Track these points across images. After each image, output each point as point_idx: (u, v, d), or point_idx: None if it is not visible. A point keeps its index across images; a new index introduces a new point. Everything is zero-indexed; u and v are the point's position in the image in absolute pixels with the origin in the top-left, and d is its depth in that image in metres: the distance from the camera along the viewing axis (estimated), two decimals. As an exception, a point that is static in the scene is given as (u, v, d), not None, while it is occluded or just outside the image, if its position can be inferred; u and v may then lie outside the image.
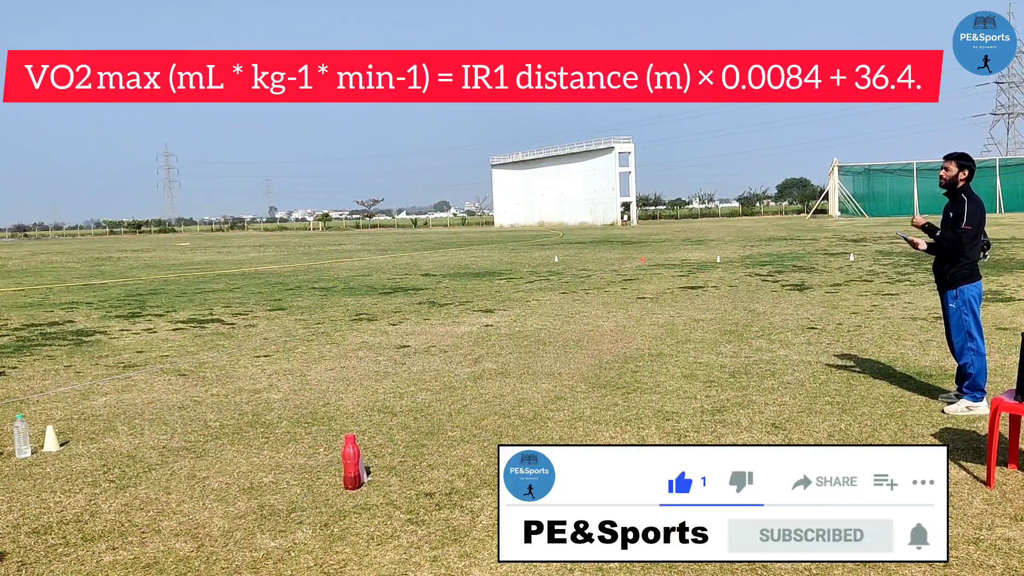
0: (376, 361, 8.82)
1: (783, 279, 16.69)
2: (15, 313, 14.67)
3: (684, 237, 41.27)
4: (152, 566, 3.81)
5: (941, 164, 6.23)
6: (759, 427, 5.77)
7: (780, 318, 11.06)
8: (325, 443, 5.73)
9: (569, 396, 6.90)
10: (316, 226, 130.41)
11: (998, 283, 14.07)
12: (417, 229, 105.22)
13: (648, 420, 6.04)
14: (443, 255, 31.88)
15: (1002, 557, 3.64)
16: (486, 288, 17.06)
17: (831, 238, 33.56)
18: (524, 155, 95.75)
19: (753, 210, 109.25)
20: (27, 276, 25.61)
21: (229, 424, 6.34)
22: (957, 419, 5.86)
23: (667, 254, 27.10)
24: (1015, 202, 63.87)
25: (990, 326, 9.35)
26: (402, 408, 6.68)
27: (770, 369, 7.72)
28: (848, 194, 71.98)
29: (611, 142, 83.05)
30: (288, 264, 28.40)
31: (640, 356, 8.59)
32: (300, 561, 3.82)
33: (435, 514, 4.34)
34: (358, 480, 4.77)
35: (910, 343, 8.88)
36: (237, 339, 10.74)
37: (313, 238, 68.39)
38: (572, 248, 33.93)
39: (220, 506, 4.56)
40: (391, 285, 18.51)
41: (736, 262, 22.01)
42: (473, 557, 3.80)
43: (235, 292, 17.62)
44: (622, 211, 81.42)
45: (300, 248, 43.95)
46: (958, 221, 5.98)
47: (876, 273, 17.25)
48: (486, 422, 6.14)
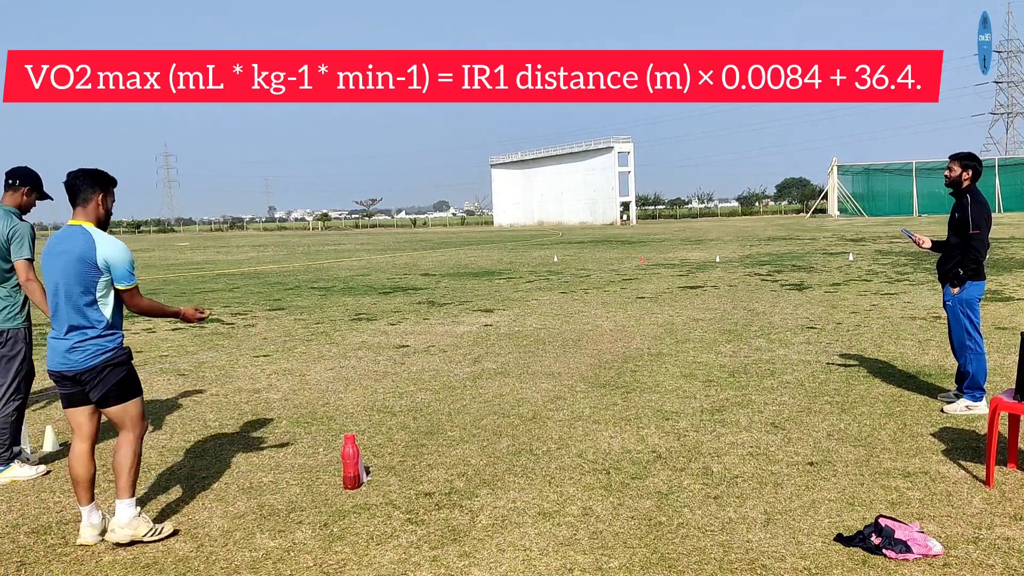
0: (375, 361, 8.82)
1: (782, 279, 16.70)
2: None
3: (683, 237, 41.28)
4: (152, 566, 3.81)
5: (946, 164, 6.26)
6: (758, 426, 5.77)
7: (779, 318, 11.06)
8: (324, 443, 5.73)
9: (568, 396, 6.90)
10: (315, 226, 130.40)
11: (998, 283, 14.08)
12: (416, 229, 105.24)
13: (647, 420, 6.04)
14: (442, 255, 31.87)
15: (1001, 556, 3.65)
16: (485, 288, 17.05)
17: (830, 238, 33.57)
18: (523, 155, 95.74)
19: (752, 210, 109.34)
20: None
21: (228, 424, 6.33)
22: (956, 418, 5.86)
23: (666, 254, 27.10)
24: (1014, 202, 63.90)
25: (989, 326, 9.36)
26: (401, 408, 6.67)
27: (769, 369, 7.72)
28: (847, 194, 72.01)
29: (610, 142, 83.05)
30: (287, 264, 28.39)
31: (639, 356, 8.59)
32: (299, 561, 3.82)
33: (434, 514, 4.34)
34: (357, 480, 4.77)
35: (909, 342, 8.88)
36: (236, 339, 10.73)
37: (312, 238, 68.38)
38: (571, 248, 33.93)
39: (219, 506, 4.56)
40: (390, 285, 18.51)
41: (735, 262, 22.01)
42: (472, 557, 3.80)
43: (234, 292, 17.62)
44: (621, 211, 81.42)
45: (299, 248, 43.93)
46: (964, 225, 5.98)
47: (875, 273, 17.26)
48: (485, 422, 6.14)
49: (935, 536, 3.82)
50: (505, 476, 4.90)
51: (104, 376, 4.01)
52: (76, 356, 3.98)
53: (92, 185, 4.09)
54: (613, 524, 4.12)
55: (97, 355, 3.99)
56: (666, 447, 5.36)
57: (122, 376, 4.08)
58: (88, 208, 4.08)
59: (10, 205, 5.13)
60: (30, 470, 5.17)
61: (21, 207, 5.17)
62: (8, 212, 5.09)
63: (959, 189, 6.12)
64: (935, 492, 4.44)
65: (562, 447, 5.44)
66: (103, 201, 4.13)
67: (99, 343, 4.01)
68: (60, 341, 4.02)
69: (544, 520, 4.20)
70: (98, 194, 4.10)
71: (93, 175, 4.13)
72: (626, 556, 3.75)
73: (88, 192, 4.08)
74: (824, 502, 4.33)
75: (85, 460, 4.11)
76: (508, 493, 4.61)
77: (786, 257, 23.11)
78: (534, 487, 4.69)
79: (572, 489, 4.64)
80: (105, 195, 4.14)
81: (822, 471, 4.81)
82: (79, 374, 4.00)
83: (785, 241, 32.34)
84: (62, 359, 4.00)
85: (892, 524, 3.77)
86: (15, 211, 5.13)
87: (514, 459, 5.22)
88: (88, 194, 4.08)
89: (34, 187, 5.20)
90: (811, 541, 3.85)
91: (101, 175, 4.16)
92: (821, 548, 3.77)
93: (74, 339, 3.98)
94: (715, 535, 3.95)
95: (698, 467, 4.95)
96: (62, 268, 3.99)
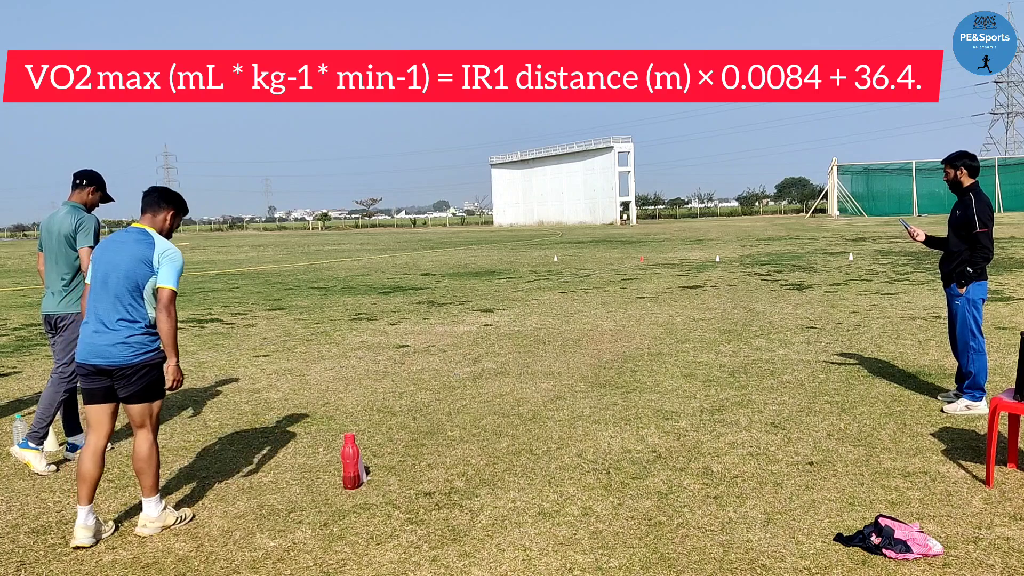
0: (375, 361, 8.82)
1: (782, 278, 16.70)
2: (15, 313, 14.67)
3: (683, 237, 41.28)
4: (151, 566, 3.81)
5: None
6: (758, 426, 5.77)
7: (779, 317, 11.07)
8: (324, 443, 5.73)
9: (568, 395, 6.90)
10: (315, 226, 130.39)
11: (998, 283, 14.08)
12: (416, 229, 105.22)
13: (647, 419, 6.04)
14: (442, 254, 31.87)
15: (1001, 556, 3.65)
16: (485, 287, 17.05)
17: (830, 237, 33.57)
18: (523, 155, 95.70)
19: (752, 210, 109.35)
20: (27, 276, 25.59)
21: (228, 424, 6.33)
22: (956, 418, 5.86)
23: (666, 253, 27.10)
24: (1014, 201, 63.90)
25: (989, 326, 9.36)
26: (401, 408, 6.68)
27: (769, 368, 7.73)
28: (847, 193, 72.00)
29: (610, 142, 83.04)
30: (287, 264, 28.39)
31: (639, 355, 8.59)
32: (299, 560, 3.82)
33: (434, 514, 4.34)
34: (357, 480, 4.77)
35: (909, 342, 8.88)
36: (236, 339, 10.73)
37: (312, 238, 68.38)
38: (571, 247, 33.93)
39: (219, 505, 4.56)
40: (390, 285, 18.51)
41: (735, 261, 22.01)
42: (472, 557, 3.80)
43: (234, 292, 17.61)
44: (621, 211, 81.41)
45: (299, 248, 43.93)
46: (967, 224, 5.99)
47: (875, 272, 17.26)
48: (485, 422, 6.14)
49: (935, 536, 3.82)
50: (505, 476, 4.90)
51: (140, 375, 4.12)
52: (120, 351, 4.07)
53: (169, 202, 4.38)
54: (613, 524, 4.12)
55: (141, 353, 4.11)
56: (666, 447, 5.36)
57: (155, 379, 4.21)
58: (156, 219, 4.33)
59: (77, 202, 5.52)
60: (44, 467, 5.24)
61: (86, 204, 5.56)
62: (75, 207, 5.49)
63: (961, 189, 6.15)
64: (935, 492, 4.44)
65: (562, 447, 5.44)
66: (170, 219, 4.39)
67: (143, 341, 4.12)
68: (104, 334, 4.09)
69: (544, 520, 4.20)
70: (169, 211, 4.37)
71: (174, 196, 4.44)
72: (626, 556, 3.75)
73: (163, 205, 4.35)
74: (824, 502, 4.33)
75: (98, 458, 4.18)
76: (508, 493, 4.61)
77: (786, 257, 23.11)
78: (534, 487, 4.69)
79: (572, 489, 4.64)
80: (174, 215, 4.41)
81: (822, 471, 4.81)
82: (117, 369, 4.08)
83: (785, 241, 32.34)
84: (102, 352, 4.07)
85: (892, 524, 3.77)
86: (81, 206, 5.52)
87: (514, 459, 5.22)
88: (161, 207, 4.35)
89: (99, 187, 5.62)
90: (811, 541, 3.85)
91: (180, 200, 4.46)
92: (821, 548, 3.77)
93: (123, 332, 4.08)
94: (715, 535, 3.95)
95: (698, 467, 4.95)
96: (117, 260, 4.15)
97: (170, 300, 4.16)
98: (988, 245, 5.99)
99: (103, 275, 4.15)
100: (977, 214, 5.95)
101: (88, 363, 4.10)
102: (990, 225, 5.99)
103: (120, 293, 4.10)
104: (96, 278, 4.19)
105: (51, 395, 5.41)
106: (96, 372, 4.10)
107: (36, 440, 5.27)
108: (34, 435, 5.28)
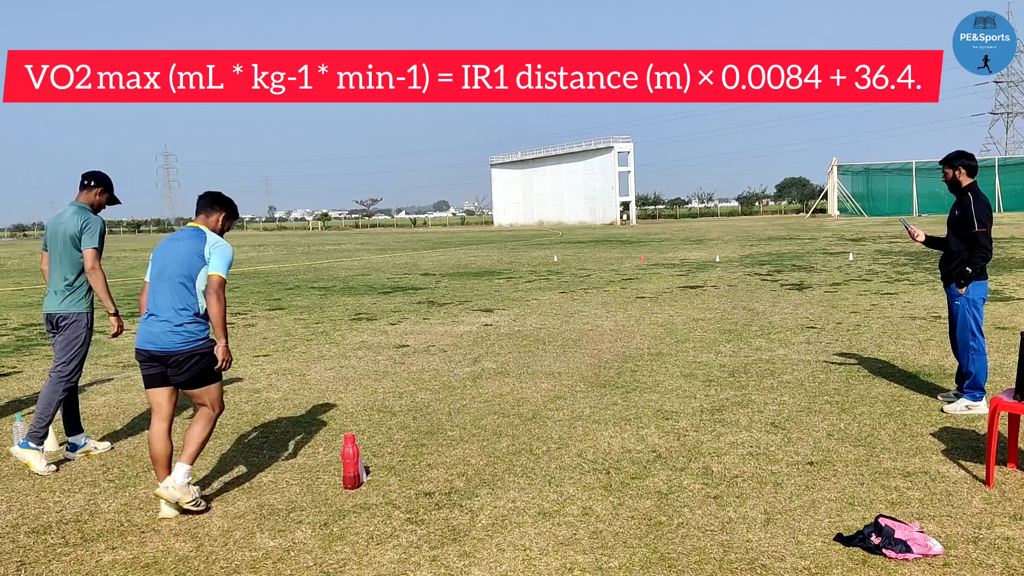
0: (375, 361, 8.82)
1: (782, 278, 16.70)
2: (15, 313, 14.66)
3: (683, 236, 41.28)
4: (151, 566, 3.81)
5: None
6: (758, 426, 5.77)
7: (779, 317, 11.07)
8: (324, 442, 5.73)
9: (568, 395, 6.90)
10: (315, 226, 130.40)
11: (998, 283, 14.08)
12: (416, 229, 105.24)
13: (647, 419, 6.04)
14: (442, 254, 31.87)
15: (1001, 556, 3.65)
16: (485, 287, 17.05)
17: (830, 237, 33.57)
18: (523, 155, 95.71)
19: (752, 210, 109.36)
20: (27, 276, 25.60)
21: (228, 424, 6.33)
22: (956, 418, 5.86)
23: (666, 253, 27.10)
24: (1014, 201, 63.89)
25: (989, 326, 9.36)
26: (401, 407, 6.68)
27: (769, 368, 7.73)
28: (847, 193, 72.00)
29: (610, 141, 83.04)
30: (287, 264, 28.39)
31: (639, 355, 8.59)
32: (299, 560, 3.82)
33: (434, 514, 4.34)
34: (357, 480, 4.77)
35: (909, 342, 8.88)
36: (236, 338, 10.73)
37: (312, 237, 68.38)
38: (571, 247, 33.93)
39: (219, 505, 4.56)
40: (390, 284, 18.51)
41: (735, 261, 22.01)
42: (472, 557, 3.80)
43: (234, 291, 17.61)
44: (621, 210, 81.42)
45: (299, 247, 43.94)
46: (966, 223, 5.99)
47: (875, 272, 17.26)
48: (485, 422, 6.14)
49: (935, 536, 3.82)
50: (505, 476, 4.90)
51: (191, 364, 4.39)
52: (170, 338, 4.34)
53: (222, 205, 4.66)
54: (613, 524, 4.12)
55: (190, 342, 4.36)
56: (666, 447, 5.36)
57: (206, 366, 4.44)
58: (209, 219, 4.61)
59: (84, 203, 5.55)
60: (44, 467, 5.24)
61: (93, 205, 5.58)
62: (82, 208, 5.52)
63: (959, 188, 6.16)
64: (935, 492, 4.44)
65: (562, 447, 5.44)
66: (222, 221, 4.66)
67: (193, 331, 4.37)
68: (158, 323, 4.36)
69: (544, 520, 4.20)
70: (221, 214, 4.65)
71: (227, 201, 4.70)
72: (626, 556, 3.75)
73: (216, 208, 4.63)
74: (824, 502, 4.33)
75: (163, 438, 4.50)
76: (508, 493, 4.61)
77: (786, 257, 23.11)
78: (534, 487, 4.69)
79: (572, 489, 4.64)
80: (226, 218, 4.68)
81: (822, 471, 4.81)
82: (168, 355, 4.36)
83: (785, 241, 32.34)
84: (155, 339, 4.36)
85: (892, 524, 3.77)
86: (88, 208, 5.55)
87: (514, 459, 5.22)
88: (215, 209, 4.63)
89: (106, 189, 5.63)
90: (811, 541, 3.85)
91: (232, 204, 4.72)
92: (821, 548, 3.77)
93: (174, 320, 4.34)
94: (715, 535, 3.95)
95: (698, 467, 4.95)
96: (173, 253, 4.44)
97: (220, 286, 4.39)
98: (987, 245, 5.99)
99: (160, 268, 4.45)
100: (976, 214, 5.95)
101: (143, 349, 4.42)
102: (989, 225, 5.99)
103: (174, 283, 4.37)
104: (153, 272, 4.50)
105: (50, 394, 5.41)
106: (150, 358, 4.42)
107: (36, 440, 5.27)
108: (34, 435, 5.28)
